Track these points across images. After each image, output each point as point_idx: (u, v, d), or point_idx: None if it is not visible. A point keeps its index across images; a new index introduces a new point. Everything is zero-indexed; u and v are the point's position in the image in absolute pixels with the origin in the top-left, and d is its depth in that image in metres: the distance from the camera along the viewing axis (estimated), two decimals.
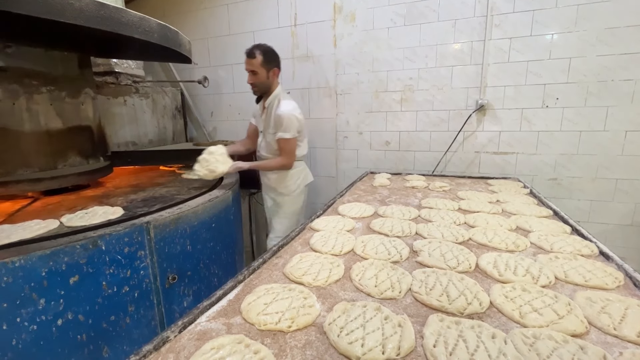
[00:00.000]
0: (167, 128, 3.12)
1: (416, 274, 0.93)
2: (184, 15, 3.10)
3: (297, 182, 2.15)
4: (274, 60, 1.97)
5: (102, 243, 1.18)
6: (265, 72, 1.94)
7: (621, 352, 0.63)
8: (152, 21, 1.54)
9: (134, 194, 1.77)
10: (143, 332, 1.33)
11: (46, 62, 1.67)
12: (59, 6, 1.12)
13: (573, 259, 0.99)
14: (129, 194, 1.76)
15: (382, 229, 1.28)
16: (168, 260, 1.42)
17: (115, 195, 1.77)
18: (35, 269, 1.02)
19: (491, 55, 2.24)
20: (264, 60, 1.91)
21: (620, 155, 2.10)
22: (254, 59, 1.90)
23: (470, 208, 1.54)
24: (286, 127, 1.93)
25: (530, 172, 2.31)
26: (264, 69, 1.93)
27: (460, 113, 2.39)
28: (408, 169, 2.62)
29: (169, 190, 1.84)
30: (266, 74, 1.95)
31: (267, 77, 1.96)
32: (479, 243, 1.15)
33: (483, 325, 0.70)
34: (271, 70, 1.96)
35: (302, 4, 2.67)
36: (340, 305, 0.78)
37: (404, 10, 2.39)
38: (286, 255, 1.10)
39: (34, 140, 1.65)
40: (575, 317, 0.72)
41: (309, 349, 0.66)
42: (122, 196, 1.72)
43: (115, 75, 2.65)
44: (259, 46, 1.93)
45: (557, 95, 2.16)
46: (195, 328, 0.73)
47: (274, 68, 1.97)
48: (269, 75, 1.96)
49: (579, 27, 2.04)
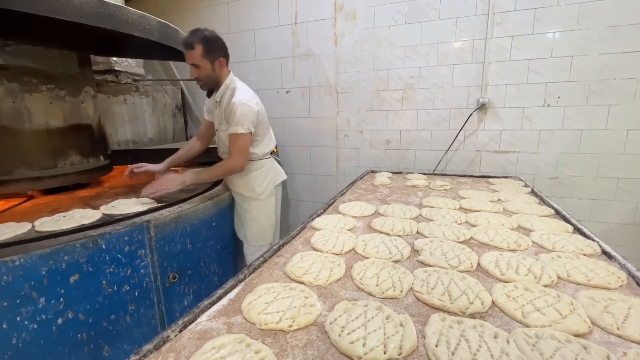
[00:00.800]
0: (168, 127, 3.12)
1: (417, 273, 0.92)
2: (184, 14, 3.09)
3: (264, 183, 1.82)
4: (218, 49, 1.63)
5: (102, 242, 1.17)
6: (209, 64, 1.61)
7: (625, 352, 0.62)
8: (152, 19, 1.54)
9: (124, 195, 1.70)
10: (143, 331, 1.33)
11: (46, 60, 1.67)
12: (58, 4, 1.12)
13: (575, 258, 0.98)
14: (120, 195, 1.71)
15: (383, 227, 1.28)
16: (168, 259, 1.41)
17: (107, 196, 1.73)
18: (36, 267, 1.02)
19: (492, 53, 2.23)
20: (205, 51, 1.58)
21: (622, 154, 2.09)
22: (193, 50, 1.56)
23: (472, 207, 1.53)
24: (238, 119, 1.61)
25: (532, 171, 2.31)
26: (207, 61, 1.60)
27: (461, 112, 2.38)
28: (409, 167, 2.61)
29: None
30: (210, 66, 1.62)
31: (213, 69, 1.63)
32: (480, 242, 1.15)
33: (485, 325, 0.69)
34: (216, 61, 1.63)
35: (303, 2, 2.66)
36: (341, 305, 0.77)
37: (405, 9, 2.38)
38: (287, 254, 1.09)
39: (34, 139, 1.64)
40: (578, 317, 0.71)
41: (310, 349, 0.65)
42: (111, 197, 1.66)
43: (115, 73, 2.64)
44: (198, 34, 1.56)
45: (559, 94, 2.15)
46: (195, 327, 0.72)
47: (219, 58, 1.63)
48: (214, 67, 1.63)
49: (581, 25, 2.03)
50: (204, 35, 1.56)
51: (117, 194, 1.78)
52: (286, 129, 2.90)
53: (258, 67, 2.90)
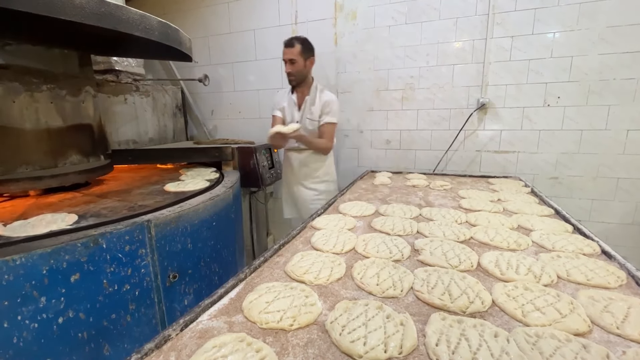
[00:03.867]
0: (168, 126, 3.12)
1: (418, 272, 0.92)
2: (184, 13, 3.09)
3: (333, 168, 2.28)
4: (311, 50, 2.06)
5: (103, 241, 1.17)
6: (303, 60, 2.01)
7: (624, 350, 0.63)
8: (152, 19, 1.54)
9: (109, 200, 1.60)
10: (144, 330, 1.33)
11: (46, 59, 1.67)
12: (59, 3, 1.12)
13: (575, 258, 0.98)
14: (106, 200, 1.61)
15: (383, 227, 1.28)
16: (169, 258, 1.41)
17: (92, 202, 1.59)
18: (36, 266, 1.02)
19: (492, 53, 2.24)
20: (302, 49, 1.99)
21: (622, 154, 2.09)
22: (293, 47, 1.97)
23: (472, 207, 1.53)
24: (334, 112, 2.06)
25: (532, 171, 2.31)
26: (302, 58, 2.00)
27: (462, 112, 2.39)
28: (409, 167, 2.61)
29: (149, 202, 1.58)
30: (304, 62, 2.02)
31: (305, 66, 2.04)
32: (480, 242, 1.15)
33: (485, 324, 0.69)
34: (308, 59, 2.05)
35: (303, 2, 2.66)
36: (341, 304, 0.78)
37: (405, 8, 2.38)
38: (287, 253, 1.09)
39: (34, 139, 1.64)
40: (578, 316, 0.71)
41: (311, 348, 0.66)
42: (93, 204, 1.55)
43: (115, 73, 2.64)
44: (297, 37, 2.03)
45: (559, 94, 2.15)
46: (196, 326, 0.73)
47: (311, 57, 2.07)
48: (306, 64, 2.04)
49: (581, 26, 2.03)
50: (302, 38, 2.04)
51: (104, 200, 1.62)
52: None
53: (258, 67, 2.90)
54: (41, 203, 1.62)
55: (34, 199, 1.71)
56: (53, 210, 1.43)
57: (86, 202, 1.60)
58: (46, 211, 1.42)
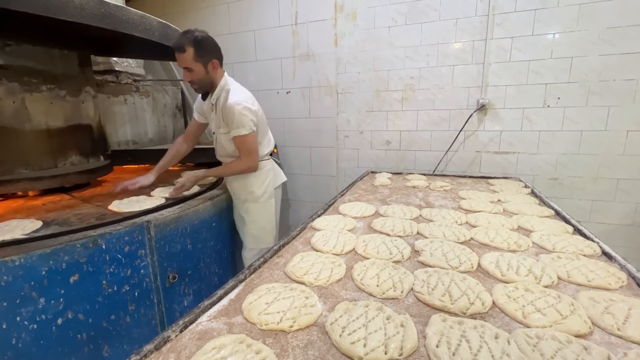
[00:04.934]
0: (168, 127, 3.12)
1: (418, 273, 0.92)
2: (184, 14, 3.09)
3: (264, 185, 1.78)
4: (211, 51, 1.57)
5: (102, 242, 1.17)
6: (201, 66, 1.55)
7: (625, 352, 0.62)
8: (152, 19, 1.54)
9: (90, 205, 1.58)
10: (143, 331, 1.33)
11: (46, 60, 1.67)
12: (59, 4, 1.12)
13: (575, 259, 0.98)
14: (86, 205, 1.58)
15: (383, 228, 1.28)
16: (168, 259, 1.41)
17: (72, 206, 1.57)
18: (35, 267, 1.02)
19: (493, 54, 2.24)
20: (197, 54, 1.51)
21: (622, 155, 2.09)
22: (184, 53, 1.49)
23: (472, 208, 1.53)
24: (239, 121, 1.57)
25: (532, 172, 2.31)
26: (200, 64, 1.54)
27: (462, 112, 2.39)
28: (409, 168, 2.61)
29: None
30: (204, 68, 1.56)
31: (206, 72, 1.58)
32: (480, 243, 1.15)
33: (486, 325, 0.69)
34: (209, 63, 1.57)
35: (303, 3, 2.66)
36: (342, 305, 0.77)
37: (405, 9, 2.38)
38: (287, 254, 1.09)
39: (34, 139, 1.64)
40: (579, 317, 0.71)
41: (311, 349, 0.65)
42: (69, 209, 1.51)
43: (115, 73, 2.64)
44: (188, 35, 1.49)
45: (559, 95, 2.15)
46: (196, 327, 0.72)
47: (212, 60, 1.57)
48: (207, 69, 1.57)
49: (581, 27, 2.03)
50: (195, 37, 1.49)
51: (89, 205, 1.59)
52: (286, 130, 2.91)
53: (258, 68, 2.90)
54: (25, 206, 1.60)
55: (23, 200, 1.70)
56: (31, 214, 1.40)
57: (65, 207, 1.55)
58: (23, 215, 1.39)
